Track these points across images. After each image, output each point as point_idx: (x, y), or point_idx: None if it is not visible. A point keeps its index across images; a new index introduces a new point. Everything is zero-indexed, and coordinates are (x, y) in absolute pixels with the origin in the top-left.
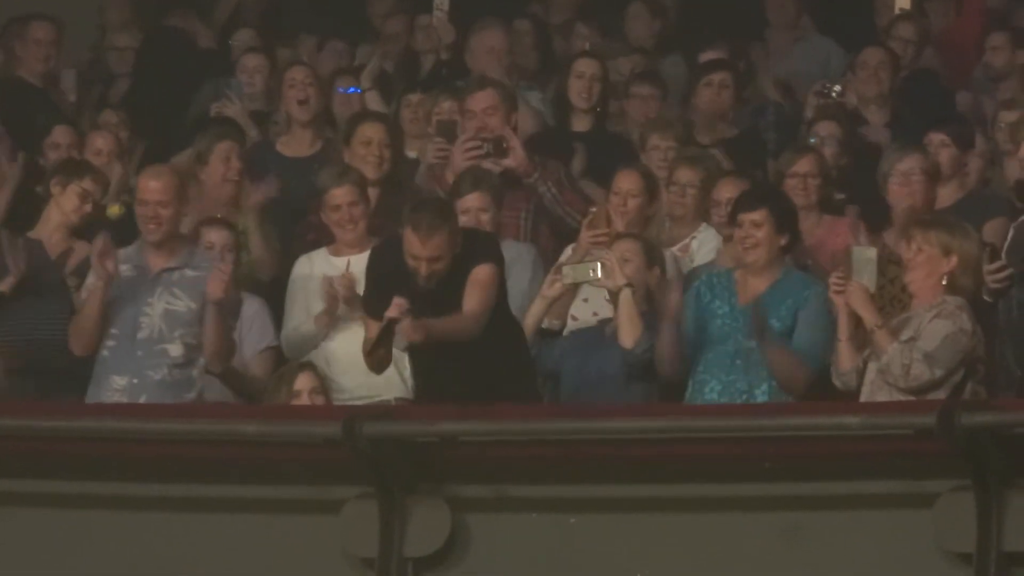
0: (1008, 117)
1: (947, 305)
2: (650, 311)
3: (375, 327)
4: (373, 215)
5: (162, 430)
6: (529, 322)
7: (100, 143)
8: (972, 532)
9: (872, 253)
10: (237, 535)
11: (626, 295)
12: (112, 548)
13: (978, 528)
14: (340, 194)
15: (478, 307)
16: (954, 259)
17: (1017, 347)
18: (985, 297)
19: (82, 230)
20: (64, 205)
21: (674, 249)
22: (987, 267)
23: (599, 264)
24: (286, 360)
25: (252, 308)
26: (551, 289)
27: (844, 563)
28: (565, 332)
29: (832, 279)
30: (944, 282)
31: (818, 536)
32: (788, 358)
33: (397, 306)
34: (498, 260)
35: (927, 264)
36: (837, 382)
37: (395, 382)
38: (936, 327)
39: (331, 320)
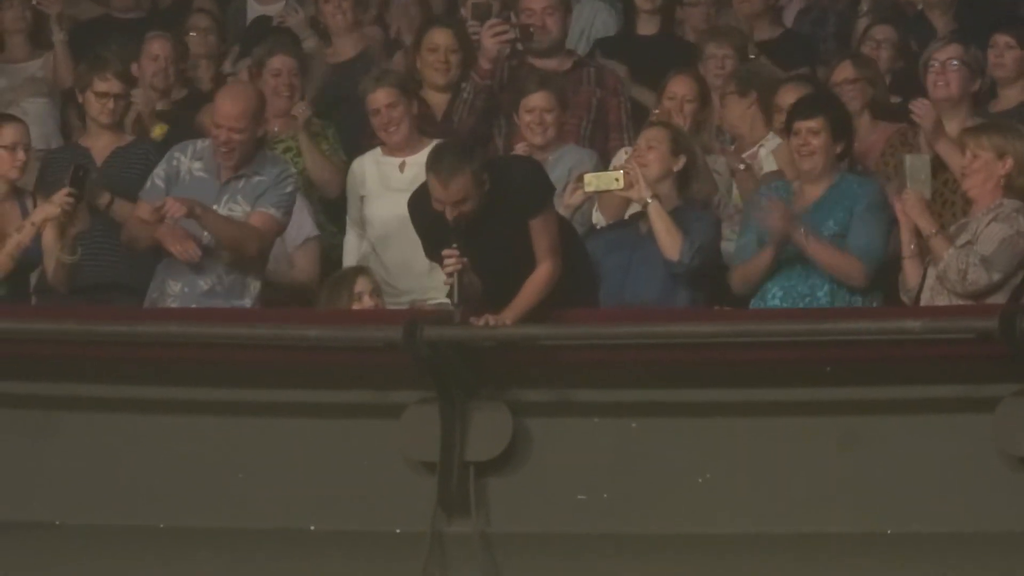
0: None
1: (1004, 208)
2: (683, 202)
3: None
4: (443, 120)
5: (225, 334)
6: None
7: (156, 48)
8: None
9: (926, 159)
10: (298, 440)
11: (655, 207)
12: (174, 453)
13: None
14: (377, 98)
15: (549, 260)
16: (1009, 161)
17: None
18: None
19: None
20: (90, 111)
21: (744, 156)
22: None
23: (621, 172)
24: (327, 251)
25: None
26: (572, 197)
27: (905, 467)
28: (599, 227)
29: (892, 195)
30: (1002, 184)
31: (879, 440)
32: (836, 256)
33: (451, 262)
34: (547, 195)
35: (983, 169)
36: (904, 297)
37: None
38: (993, 230)
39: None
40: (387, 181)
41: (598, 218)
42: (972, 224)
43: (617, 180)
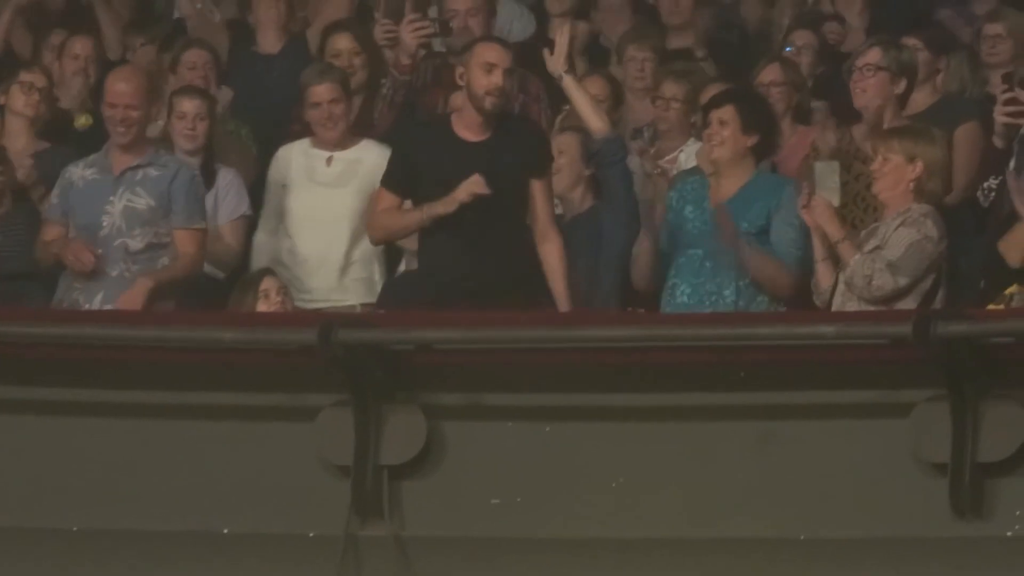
0: (992, 29)
1: (912, 212)
2: (594, 194)
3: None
4: (356, 122)
5: (137, 336)
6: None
7: (78, 48)
8: (947, 442)
9: (835, 166)
10: (211, 442)
11: (568, 81)
12: (85, 455)
13: (953, 438)
14: (321, 91)
15: (555, 232)
16: (919, 165)
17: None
18: (996, 143)
19: (48, 131)
20: (13, 105)
21: (662, 162)
22: (1000, 99)
23: None
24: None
25: (226, 178)
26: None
27: (819, 472)
28: None
29: (800, 198)
30: (912, 188)
31: (793, 445)
32: (768, 262)
33: (477, 183)
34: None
35: (893, 173)
36: (817, 301)
37: (362, 288)
38: (901, 235)
39: None
40: (312, 173)
41: None
42: (881, 229)
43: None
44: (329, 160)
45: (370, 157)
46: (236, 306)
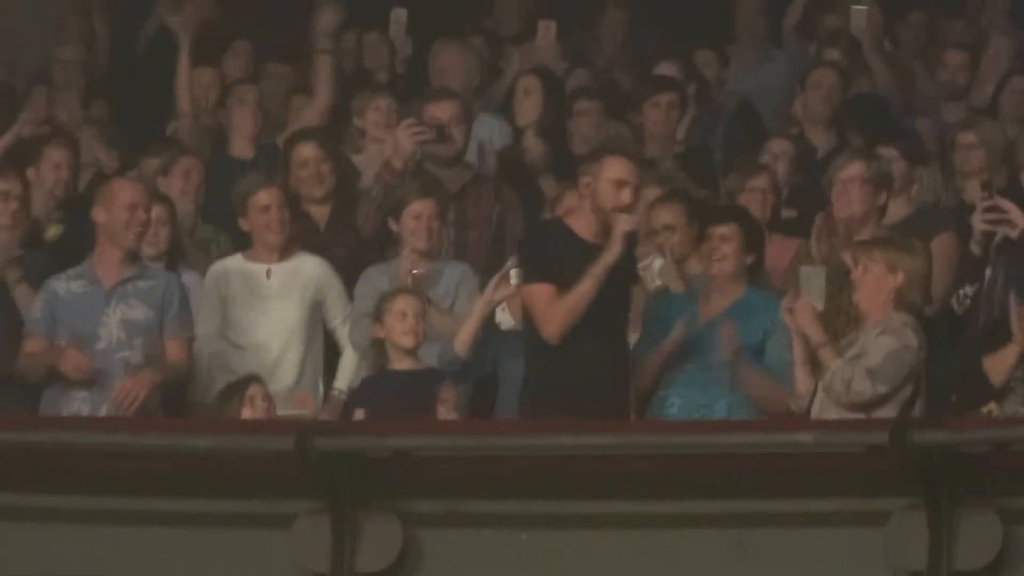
0: (966, 138)
1: (892, 321)
2: None
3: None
4: (327, 230)
5: (111, 443)
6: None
7: (58, 156)
8: (923, 550)
9: (821, 272)
10: (188, 549)
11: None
12: (60, 561)
13: (929, 546)
14: (268, 195)
15: None
16: (900, 276)
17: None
18: (974, 250)
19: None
20: None
21: (639, 267)
22: (979, 207)
23: None
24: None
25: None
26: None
27: None
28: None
29: (784, 301)
30: (892, 298)
31: (770, 553)
32: (765, 381)
33: (628, 221)
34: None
35: (874, 283)
36: (793, 406)
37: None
38: (881, 343)
39: None
40: (252, 287)
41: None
42: (861, 338)
43: None
44: (268, 273)
45: (308, 268)
46: (220, 411)
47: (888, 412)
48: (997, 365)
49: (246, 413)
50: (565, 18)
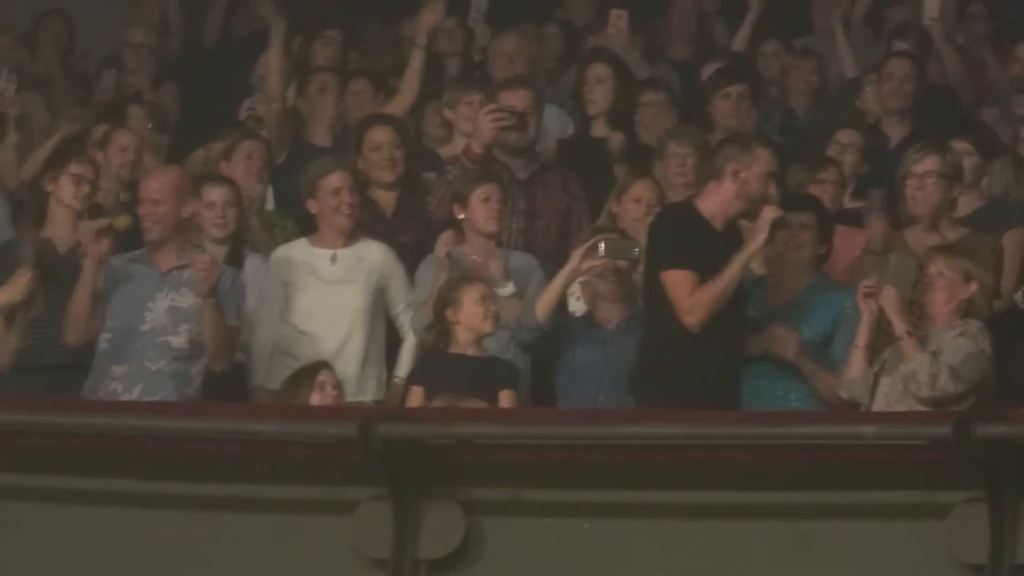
0: None
1: (971, 326)
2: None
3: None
4: (394, 217)
5: (178, 428)
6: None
7: (125, 139)
8: (985, 543)
9: (912, 262)
10: (250, 535)
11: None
12: (124, 546)
13: (991, 539)
14: (339, 178)
15: None
16: (974, 286)
17: None
18: None
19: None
20: (61, 196)
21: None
22: None
23: (639, 244)
24: None
25: (253, 266)
26: (585, 263)
27: (858, 572)
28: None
29: (864, 283)
30: (962, 307)
31: (831, 545)
32: (831, 378)
33: (774, 209)
34: None
35: (947, 288)
36: (843, 391)
37: (374, 385)
38: (960, 344)
39: None
40: (317, 272)
41: (576, 306)
42: (936, 336)
43: (636, 251)
44: (333, 258)
45: (372, 254)
46: (290, 396)
47: None
48: None
49: (315, 399)
50: (636, 8)
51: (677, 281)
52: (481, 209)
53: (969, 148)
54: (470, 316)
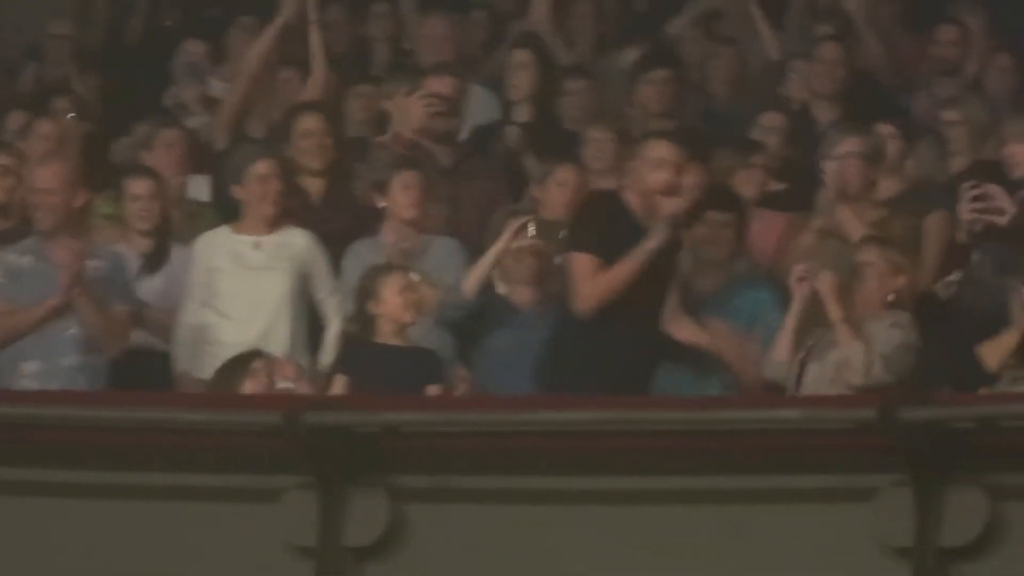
0: (950, 116)
1: (902, 317)
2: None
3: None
4: (323, 205)
5: (104, 417)
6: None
7: (46, 129)
8: (911, 527)
9: (849, 248)
10: (176, 523)
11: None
12: (51, 536)
13: (917, 523)
14: (265, 165)
15: None
16: (902, 279)
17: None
18: (960, 237)
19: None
20: None
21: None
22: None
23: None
24: None
25: (180, 257)
26: (514, 241)
27: (782, 557)
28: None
29: (797, 268)
30: (890, 299)
31: (757, 530)
32: (735, 338)
33: (676, 203)
34: None
35: (876, 278)
36: (768, 372)
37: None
38: (893, 335)
39: None
40: (240, 258)
41: (504, 288)
42: (866, 325)
43: (563, 234)
44: (257, 244)
45: (296, 240)
46: (222, 383)
47: None
48: (995, 351)
49: (249, 387)
50: None
51: (578, 265)
52: (401, 196)
53: (893, 131)
54: (391, 307)
